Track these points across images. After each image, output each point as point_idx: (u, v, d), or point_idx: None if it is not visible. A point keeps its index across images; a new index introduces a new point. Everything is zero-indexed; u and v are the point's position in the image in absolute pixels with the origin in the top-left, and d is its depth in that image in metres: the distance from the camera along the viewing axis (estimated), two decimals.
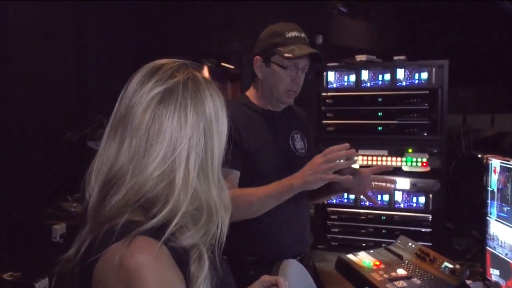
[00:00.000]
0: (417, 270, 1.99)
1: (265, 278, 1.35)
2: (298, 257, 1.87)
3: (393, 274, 1.98)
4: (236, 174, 1.82)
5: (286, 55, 1.80)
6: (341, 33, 4.88)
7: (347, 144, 1.65)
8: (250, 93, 1.99)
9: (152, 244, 0.87)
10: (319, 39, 4.32)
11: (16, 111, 2.89)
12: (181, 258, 0.91)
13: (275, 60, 1.85)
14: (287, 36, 1.83)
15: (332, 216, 2.75)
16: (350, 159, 1.68)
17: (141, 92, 0.96)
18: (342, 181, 1.70)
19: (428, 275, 1.94)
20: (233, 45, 4.64)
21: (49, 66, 3.15)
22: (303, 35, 1.85)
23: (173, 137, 0.94)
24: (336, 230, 2.73)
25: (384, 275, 1.97)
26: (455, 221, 2.71)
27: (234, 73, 5.67)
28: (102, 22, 3.75)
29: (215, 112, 1.01)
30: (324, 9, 4.44)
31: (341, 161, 1.68)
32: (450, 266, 1.93)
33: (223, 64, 6.18)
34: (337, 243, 2.72)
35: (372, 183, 1.92)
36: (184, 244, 0.92)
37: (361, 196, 2.54)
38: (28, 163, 2.89)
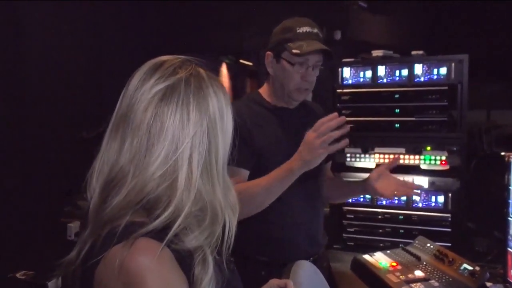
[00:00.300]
0: (435, 272, 1.93)
1: (274, 282, 1.32)
2: (312, 258, 1.83)
3: (410, 276, 1.92)
4: (245, 173, 1.79)
5: (294, 51, 1.76)
6: (360, 29, 4.82)
7: (335, 113, 1.59)
8: (263, 90, 1.96)
9: (154, 246, 0.85)
10: (338, 35, 4.27)
11: (32, 109, 2.90)
12: (185, 260, 0.89)
13: (285, 56, 1.81)
14: (297, 31, 1.78)
15: (348, 216, 2.69)
16: (342, 127, 1.60)
17: (142, 90, 0.94)
18: (339, 148, 1.63)
19: (447, 277, 1.88)
20: (251, 42, 4.62)
21: (64, 65, 3.15)
22: (315, 30, 1.80)
23: (175, 136, 0.91)
24: (352, 229, 2.68)
25: (401, 276, 1.91)
26: (476, 221, 2.62)
27: (252, 70, 5.65)
28: (118, 20, 3.74)
29: (219, 110, 0.98)
30: (343, 4, 4.38)
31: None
32: (470, 268, 1.86)
33: (241, 61, 6.17)
34: (353, 243, 2.66)
35: (396, 192, 1.89)
36: (188, 246, 0.89)
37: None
38: (43, 161, 2.90)
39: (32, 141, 2.86)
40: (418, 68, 2.55)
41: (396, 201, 2.59)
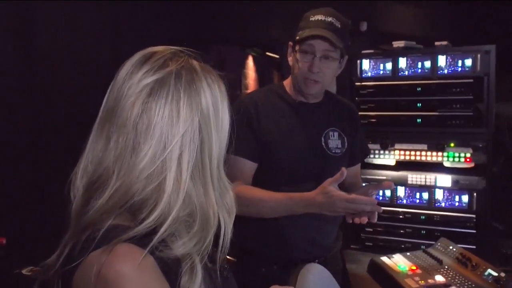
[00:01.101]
0: (457, 277, 1.82)
1: None
2: (317, 260, 1.76)
3: (430, 281, 1.82)
4: (251, 165, 1.74)
5: (296, 38, 1.71)
6: (386, 19, 4.72)
7: (374, 201, 1.49)
8: (287, 82, 1.89)
9: (135, 253, 0.79)
10: (364, 26, 4.19)
11: (47, 108, 2.88)
12: (170, 269, 0.82)
13: (295, 45, 1.75)
14: (310, 19, 1.72)
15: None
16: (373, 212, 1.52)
17: (129, 83, 0.87)
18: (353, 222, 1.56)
19: (469, 283, 1.77)
20: (277, 34, 4.56)
21: (80, 64, 3.12)
22: (329, 19, 1.70)
23: (164, 134, 0.85)
24: (371, 229, 2.57)
25: (420, 281, 1.81)
26: (502, 222, 2.50)
27: (279, 63, 5.60)
28: (140, 13, 3.70)
29: (214, 105, 0.91)
30: None
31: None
32: (494, 273, 1.76)
33: (267, 53, 6.12)
34: (371, 244, 2.56)
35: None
36: (175, 253, 0.83)
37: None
38: (55, 158, 2.88)
39: (46, 140, 2.84)
40: (442, 60, 2.43)
41: (418, 200, 2.48)
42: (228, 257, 1.91)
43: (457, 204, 2.43)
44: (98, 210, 0.84)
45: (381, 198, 2.57)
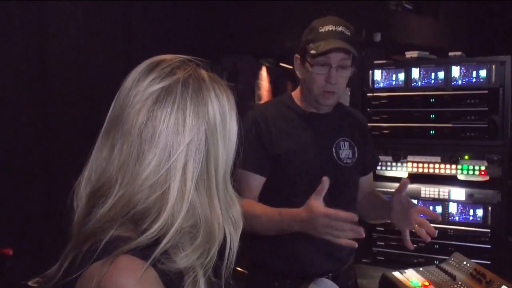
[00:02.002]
0: None
1: None
2: (331, 274, 1.73)
3: None
4: (259, 179, 1.71)
5: (311, 52, 1.67)
6: (401, 31, 4.71)
7: (355, 216, 1.38)
8: (295, 93, 1.87)
9: (137, 265, 0.77)
10: (377, 37, 4.19)
11: (58, 111, 2.89)
12: (172, 282, 0.80)
13: (307, 58, 1.72)
14: (320, 31, 1.68)
15: (378, 228, 2.55)
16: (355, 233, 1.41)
17: (135, 91, 0.86)
18: (339, 243, 1.43)
19: None
20: (291, 44, 4.57)
21: (91, 67, 3.13)
22: (340, 28, 1.68)
23: (169, 143, 0.83)
24: (383, 243, 2.52)
25: None
26: None
27: (292, 73, 5.61)
28: (155, 23, 3.72)
29: (221, 116, 0.89)
30: (384, 6, 4.29)
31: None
32: None
33: (281, 64, 6.14)
34: (383, 258, 2.51)
35: (416, 226, 1.67)
36: (178, 266, 0.81)
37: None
38: (66, 166, 2.88)
39: (54, 151, 2.84)
40: (456, 71, 2.40)
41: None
42: (239, 268, 1.88)
43: (471, 218, 2.37)
44: (100, 220, 0.82)
45: None
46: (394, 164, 2.53)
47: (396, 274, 1.99)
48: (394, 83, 2.54)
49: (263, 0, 4.29)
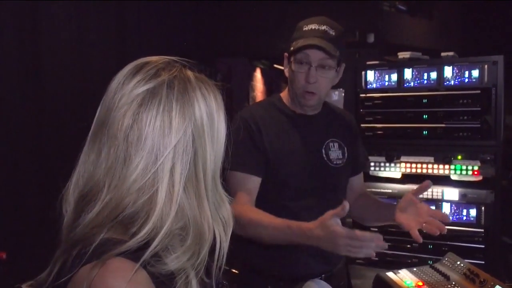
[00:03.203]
0: None
1: None
2: (324, 275, 1.72)
3: None
4: (256, 181, 1.69)
5: (291, 49, 1.67)
6: (395, 31, 4.72)
7: (379, 236, 1.36)
8: (284, 94, 1.85)
9: (128, 267, 0.77)
10: (371, 38, 4.20)
11: (54, 118, 2.87)
12: (164, 284, 0.80)
13: (291, 56, 1.71)
14: (303, 29, 1.68)
15: (372, 229, 2.53)
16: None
17: (120, 94, 0.86)
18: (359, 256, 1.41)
19: None
20: (284, 46, 4.57)
21: (85, 64, 3.11)
22: (323, 27, 1.67)
23: (155, 145, 0.83)
24: None
25: None
26: None
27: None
28: (149, 25, 3.71)
29: (208, 116, 0.88)
30: (377, 7, 4.30)
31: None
32: None
33: (275, 65, 6.13)
34: (377, 258, 2.50)
35: (424, 224, 1.68)
36: (169, 268, 0.81)
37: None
38: (59, 170, 2.86)
39: (47, 153, 2.83)
40: (448, 71, 2.40)
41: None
42: (233, 270, 1.87)
43: (465, 218, 2.38)
44: (88, 225, 0.82)
45: None
46: (387, 164, 2.53)
47: (390, 274, 1.99)
48: (387, 83, 2.55)
49: (257, 2, 4.29)
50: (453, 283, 1.87)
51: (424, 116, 2.47)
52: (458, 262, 1.99)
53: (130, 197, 0.81)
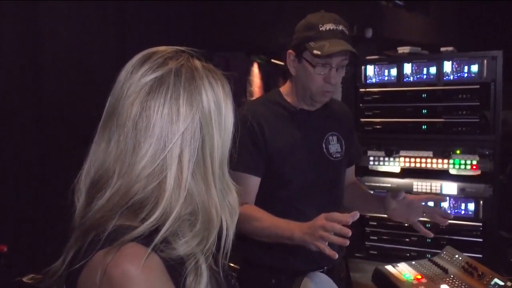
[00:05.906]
0: (462, 287, 1.78)
1: None
2: (326, 268, 1.73)
3: None
4: (255, 180, 1.69)
5: (315, 52, 1.62)
6: (393, 27, 4.72)
7: (355, 214, 1.37)
8: (284, 89, 1.83)
9: (141, 252, 0.79)
10: (369, 33, 4.18)
11: (55, 114, 2.87)
12: (175, 268, 0.82)
13: (306, 56, 1.68)
14: (320, 29, 1.64)
15: (371, 223, 2.56)
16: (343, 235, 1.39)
17: (129, 83, 0.87)
18: (326, 254, 1.42)
19: None
20: (282, 40, 4.56)
21: (87, 65, 3.11)
22: (340, 27, 1.66)
23: (163, 133, 0.84)
24: (376, 237, 2.54)
25: None
26: (510, 230, 2.47)
27: (284, 70, 5.60)
28: (148, 20, 3.71)
29: (216, 104, 0.90)
30: (375, 2, 4.29)
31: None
32: (501, 283, 1.71)
33: (273, 60, 6.11)
34: (376, 252, 2.53)
35: (424, 214, 1.69)
36: (178, 253, 0.83)
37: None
38: (60, 162, 2.87)
39: (49, 148, 2.83)
40: (448, 66, 2.41)
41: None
42: (231, 264, 1.88)
43: (463, 212, 2.39)
44: (99, 211, 0.84)
45: None
46: (386, 159, 2.54)
47: (389, 267, 2.00)
48: (386, 78, 2.55)
49: None
50: (452, 276, 1.89)
51: (424, 111, 2.47)
52: (457, 256, 2.01)
53: (139, 183, 0.83)
